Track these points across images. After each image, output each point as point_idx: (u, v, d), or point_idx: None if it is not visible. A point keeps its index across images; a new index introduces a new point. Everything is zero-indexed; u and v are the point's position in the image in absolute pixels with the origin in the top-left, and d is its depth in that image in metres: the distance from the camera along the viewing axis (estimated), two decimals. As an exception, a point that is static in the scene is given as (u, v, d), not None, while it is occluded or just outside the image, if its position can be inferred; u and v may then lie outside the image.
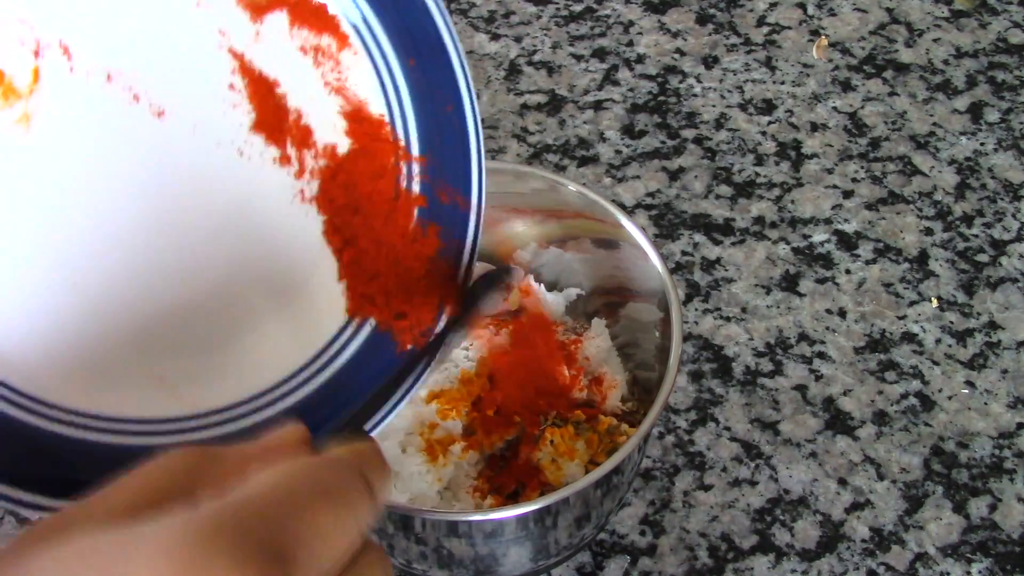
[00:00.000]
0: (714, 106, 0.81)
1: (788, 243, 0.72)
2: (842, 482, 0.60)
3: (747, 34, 0.87)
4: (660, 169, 0.76)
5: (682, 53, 0.85)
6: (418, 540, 0.48)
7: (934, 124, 0.80)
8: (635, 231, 0.54)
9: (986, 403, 0.63)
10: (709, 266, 0.70)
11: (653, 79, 0.83)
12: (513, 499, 0.53)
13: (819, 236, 0.72)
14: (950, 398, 0.64)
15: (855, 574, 0.56)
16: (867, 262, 0.71)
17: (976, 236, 0.72)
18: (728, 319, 0.67)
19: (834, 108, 0.81)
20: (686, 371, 0.65)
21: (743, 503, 0.59)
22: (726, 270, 0.70)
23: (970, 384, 0.64)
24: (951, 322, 0.67)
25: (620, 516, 0.58)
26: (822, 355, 0.66)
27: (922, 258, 0.71)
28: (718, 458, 0.61)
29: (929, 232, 0.72)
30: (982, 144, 0.78)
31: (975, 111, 0.80)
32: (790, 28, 0.87)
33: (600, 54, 0.85)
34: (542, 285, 0.61)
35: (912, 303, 0.68)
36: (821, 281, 0.70)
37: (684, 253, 0.71)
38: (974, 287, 0.69)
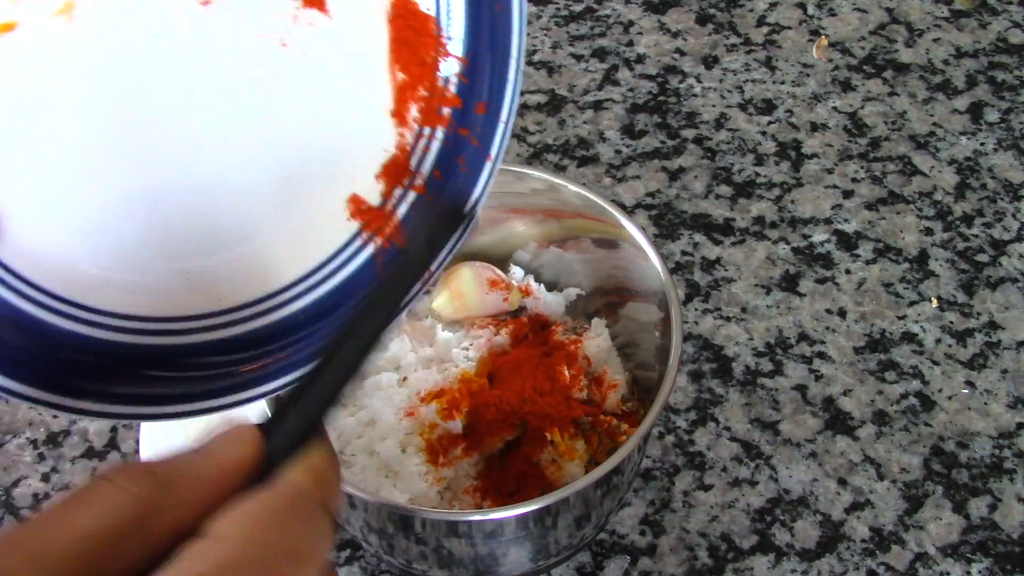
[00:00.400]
0: (714, 106, 0.81)
1: (788, 243, 0.72)
2: (842, 482, 0.60)
3: (747, 34, 0.87)
4: (660, 169, 0.76)
5: (682, 53, 0.85)
6: (418, 540, 0.48)
7: (934, 124, 0.80)
8: (635, 231, 0.54)
9: (986, 403, 0.63)
10: (709, 266, 0.70)
11: (653, 79, 0.83)
12: (513, 499, 0.52)
13: (819, 236, 0.72)
14: (950, 398, 0.64)
15: (855, 574, 0.56)
16: (867, 262, 0.71)
17: (976, 236, 0.72)
18: (728, 319, 0.67)
19: (834, 108, 0.81)
20: (686, 371, 0.65)
21: (743, 503, 0.59)
22: (726, 270, 0.70)
23: (970, 384, 0.64)
24: (951, 322, 0.67)
25: (620, 516, 0.58)
26: (822, 355, 0.66)
27: (922, 258, 0.71)
28: (718, 458, 0.61)
29: (929, 232, 0.72)
30: (982, 144, 0.78)
31: (975, 111, 0.80)
32: (790, 28, 0.87)
33: (600, 54, 0.85)
34: (542, 285, 0.61)
35: (912, 303, 0.68)
36: (821, 281, 0.70)
37: (684, 253, 0.71)
38: (974, 287, 0.69)
